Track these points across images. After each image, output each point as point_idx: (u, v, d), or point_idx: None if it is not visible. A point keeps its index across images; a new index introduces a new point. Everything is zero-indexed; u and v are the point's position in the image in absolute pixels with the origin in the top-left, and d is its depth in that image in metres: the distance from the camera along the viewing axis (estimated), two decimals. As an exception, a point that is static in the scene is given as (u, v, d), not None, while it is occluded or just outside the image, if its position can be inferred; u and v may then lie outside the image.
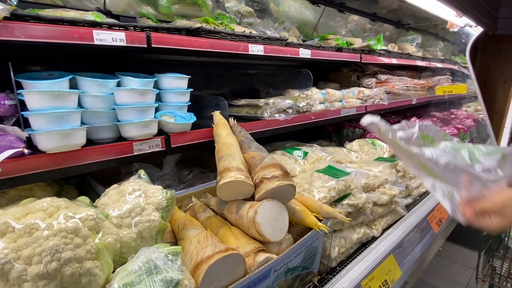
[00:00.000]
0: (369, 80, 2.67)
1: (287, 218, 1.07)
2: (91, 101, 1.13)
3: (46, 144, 0.93)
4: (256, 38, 1.58)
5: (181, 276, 0.70)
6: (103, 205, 0.91)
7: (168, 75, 1.34)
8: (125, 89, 1.12)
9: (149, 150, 1.19)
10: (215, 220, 1.14)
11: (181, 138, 1.28)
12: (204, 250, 0.87)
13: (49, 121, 0.93)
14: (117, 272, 0.72)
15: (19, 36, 0.90)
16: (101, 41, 1.06)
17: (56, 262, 0.62)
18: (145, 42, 1.17)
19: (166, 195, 0.96)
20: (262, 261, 0.94)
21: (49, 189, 1.19)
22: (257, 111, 1.66)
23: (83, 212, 0.72)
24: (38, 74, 1.10)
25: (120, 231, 0.85)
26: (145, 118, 1.14)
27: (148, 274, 0.69)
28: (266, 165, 1.14)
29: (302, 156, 1.77)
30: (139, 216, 0.88)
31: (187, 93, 1.42)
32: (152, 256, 0.73)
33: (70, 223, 0.68)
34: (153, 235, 0.90)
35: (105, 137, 1.18)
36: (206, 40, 1.35)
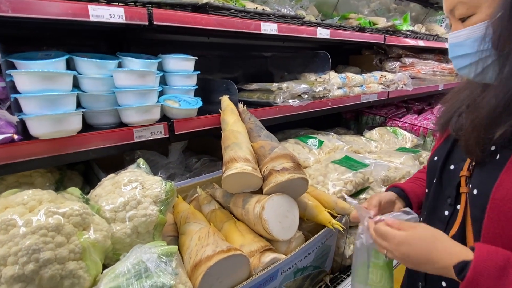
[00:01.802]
0: (392, 64, 2.47)
1: (298, 215, 0.98)
2: (89, 83, 1.06)
3: (38, 130, 0.87)
4: (269, 16, 1.45)
5: (173, 281, 0.63)
6: (97, 196, 0.84)
7: (173, 56, 1.24)
8: (123, 70, 1.03)
9: (151, 137, 1.11)
10: (220, 213, 1.06)
11: (186, 125, 1.19)
12: (204, 249, 0.79)
13: (40, 104, 0.86)
14: (105, 273, 0.65)
15: (6, 11, 0.82)
16: (98, 18, 0.97)
17: (34, 263, 0.56)
18: (146, 19, 1.07)
19: (165, 187, 0.88)
20: (268, 262, 0.86)
21: (49, 176, 1.14)
22: (269, 96, 1.55)
23: (68, 206, 0.65)
24: (34, 54, 1.03)
25: (113, 226, 0.78)
26: (146, 103, 1.06)
27: (137, 278, 0.62)
28: (276, 156, 1.03)
29: (317, 145, 1.66)
30: (134, 209, 0.81)
31: (194, 76, 1.33)
32: (143, 257, 0.65)
33: (52, 219, 0.61)
34: (150, 230, 0.83)
35: (105, 122, 1.11)
36: (214, 17, 1.23)
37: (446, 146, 0.81)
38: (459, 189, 0.73)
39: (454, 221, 0.73)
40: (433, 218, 0.80)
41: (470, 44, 0.67)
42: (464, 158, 0.74)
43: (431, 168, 0.85)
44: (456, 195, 0.74)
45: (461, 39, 0.68)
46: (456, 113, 0.78)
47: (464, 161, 0.74)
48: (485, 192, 0.64)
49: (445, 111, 0.84)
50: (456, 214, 0.73)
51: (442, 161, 0.79)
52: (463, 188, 0.72)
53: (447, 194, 0.77)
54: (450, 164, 0.78)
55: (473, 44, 0.66)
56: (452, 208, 0.75)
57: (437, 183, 0.80)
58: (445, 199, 0.77)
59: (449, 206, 0.76)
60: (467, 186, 0.72)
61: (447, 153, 0.80)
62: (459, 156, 0.77)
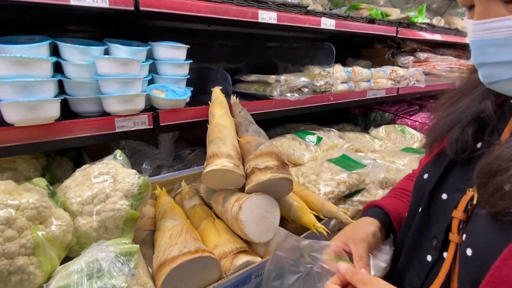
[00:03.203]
0: (405, 59, 2.34)
1: (278, 217, 0.93)
2: (73, 70, 1.03)
3: (12, 116, 0.85)
4: (268, 4, 1.37)
5: (125, 283, 0.60)
6: (66, 187, 0.82)
7: (162, 43, 1.20)
8: (105, 57, 1.00)
9: (134, 127, 1.08)
10: (200, 210, 1.02)
11: (172, 116, 1.15)
12: (171, 249, 0.76)
13: (14, 90, 0.83)
14: (59, 269, 0.63)
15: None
16: (79, 2, 0.93)
17: (-22, 257, 0.54)
18: (132, 4, 1.02)
19: (138, 181, 0.85)
20: (240, 265, 0.82)
21: (34, 162, 1.14)
22: (266, 88, 1.48)
23: (24, 199, 0.63)
24: (17, 38, 1.00)
25: (80, 219, 0.76)
26: (129, 92, 1.02)
27: (89, 277, 0.59)
28: (261, 153, 0.98)
29: (315, 141, 1.59)
30: (102, 203, 0.78)
31: (186, 65, 1.28)
32: (98, 256, 0.62)
33: (3, 212, 0.58)
34: (120, 225, 0.80)
35: (89, 111, 1.08)
36: (206, 3, 1.17)
37: (439, 166, 0.63)
38: (449, 232, 0.56)
39: (438, 272, 0.55)
40: (413, 258, 0.64)
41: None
42: (461, 189, 0.56)
43: (418, 188, 0.67)
44: (445, 238, 0.57)
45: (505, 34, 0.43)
46: (457, 126, 0.60)
47: (462, 192, 0.55)
48: (483, 259, 0.46)
49: (440, 122, 0.66)
50: (441, 265, 0.56)
51: (432, 186, 0.62)
52: (454, 236, 0.54)
53: (434, 232, 0.60)
54: (443, 191, 0.60)
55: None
56: (437, 254, 0.58)
57: (423, 212, 0.63)
58: (430, 239, 0.60)
59: (433, 249, 0.59)
60: (459, 234, 0.54)
61: (439, 177, 0.62)
62: (455, 183, 0.58)
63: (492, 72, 0.48)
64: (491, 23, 0.44)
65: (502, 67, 0.46)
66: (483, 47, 0.47)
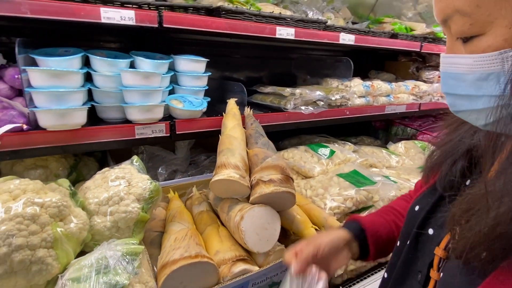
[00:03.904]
0: (430, 73, 2.28)
1: (278, 229, 0.96)
2: (101, 80, 1.13)
3: (45, 122, 0.96)
4: (287, 20, 1.42)
5: (127, 281, 0.66)
6: (87, 188, 0.91)
7: (183, 57, 1.28)
8: (129, 70, 1.09)
9: (152, 135, 1.16)
10: (206, 216, 1.08)
11: (187, 125, 1.23)
12: (173, 252, 0.82)
13: (48, 99, 0.94)
14: (73, 263, 0.71)
15: (25, 12, 0.91)
16: (109, 19, 1.03)
17: (7, 247, 0.63)
18: (156, 21, 1.11)
19: (150, 187, 0.92)
20: (238, 272, 0.86)
21: (63, 161, 1.26)
22: (281, 101, 1.53)
23: (48, 198, 0.72)
24: (55, 50, 1.12)
25: (96, 218, 0.84)
26: (148, 102, 1.11)
27: (97, 272, 0.67)
28: (267, 166, 1.03)
29: (327, 155, 1.60)
30: (116, 205, 0.86)
31: (204, 77, 1.35)
32: (107, 254, 0.70)
33: (30, 209, 0.67)
34: (130, 226, 0.88)
35: (113, 117, 1.18)
36: (225, 21, 1.24)
37: (430, 199, 0.62)
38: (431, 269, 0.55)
39: None
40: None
41: (475, 82, 0.43)
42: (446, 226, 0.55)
43: (409, 220, 0.65)
44: (427, 274, 0.56)
45: (461, 70, 0.45)
46: (450, 159, 0.58)
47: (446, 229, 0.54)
48: None
49: (437, 151, 0.64)
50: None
51: (421, 220, 0.60)
52: (434, 273, 0.54)
53: (419, 266, 0.59)
54: (430, 226, 0.59)
55: (480, 84, 0.42)
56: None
57: (411, 245, 0.62)
58: (416, 273, 0.59)
59: (418, 284, 0.58)
60: (439, 272, 0.53)
61: (428, 210, 0.60)
62: (441, 219, 0.57)
63: (453, 102, 0.49)
64: (452, 58, 0.46)
65: (460, 99, 0.47)
66: (447, 79, 0.49)
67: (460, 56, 0.45)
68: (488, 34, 0.41)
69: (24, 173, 1.15)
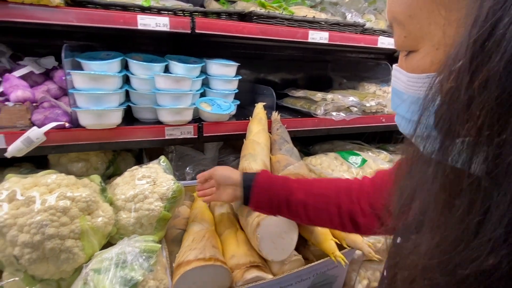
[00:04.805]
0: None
1: (295, 239, 0.95)
2: (137, 82, 1.20)
3: (84, 121, 1.04)
4: (321, 24, 1.38)
5: (142, 277, 0.70)
6: (116, 184, 0.97)
7: (214, 61, 1.31)
8: (162, 74, 1.14)
9: (181, 136, 1.21)
10: (226, 219, 1.10)
11: (215, 128, 1.26)
12: (189, 253, 0.85)
13: (87, 100, 1.03)
14: (96, 254, 0.77)
15: (72, 21, 1.00)
16: (145, 26, 1.09)
17: (40, 235, 0.70)
18: (189, 27, 1.15)
19: (173, 187, 0.97)
20: (250, 278, 0.87)
21: (102, 156, 1.36)
22: (311, 106, 1.50)
23: (79, 193, 0.78)
24: (98, 53, 1.22)
25: (121, 213, 0.90)
26: (178, 105, 1.15)
27: (116, 266, 0.71)
28: (288, 173, 1.02)
29: (358, 163, 1.54)
30: (140, 202, 0.91)
31: (235, 81, 1.37)
32: (126, 249, 0.75)
33: (62, 202, 0.74)
34: (153, 223, 0.93)
35: (147, 118, 1.25)
36: (257, 25, 1.25)
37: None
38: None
39: None
40: None
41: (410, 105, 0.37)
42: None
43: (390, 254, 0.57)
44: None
45: (400, 87, 0.39)
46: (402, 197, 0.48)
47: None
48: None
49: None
50: None
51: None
52: None
53: None
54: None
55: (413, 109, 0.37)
56: None
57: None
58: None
59: None
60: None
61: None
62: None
63: (399, 122, 0.42)
64: (395, 71, 0.41)
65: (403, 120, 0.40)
66: (392, 94, 0.43)
67: (400, 71, 0.39)
68: (420, 51, 0.35)
69: (68, 165, 1.27)
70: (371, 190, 0.77)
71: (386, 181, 0.69)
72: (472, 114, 0.26)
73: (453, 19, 0.31)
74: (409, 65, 0.37)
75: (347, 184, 0.82)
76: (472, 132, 0.26)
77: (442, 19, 0.32)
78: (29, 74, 1.16)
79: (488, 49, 0.25)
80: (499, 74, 0.24)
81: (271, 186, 0.83)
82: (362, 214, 0.76)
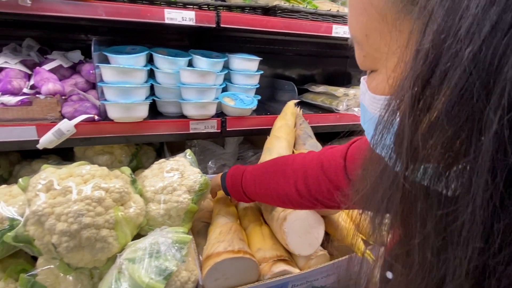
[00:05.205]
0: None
1: (322, 234, 0.95)
2: (162, 76, 1.21)
3: (112, 114, 1.06)
4: (344, 18, 1.37)
5: (176, 267, 0.71)
6: (145, 177, 0.99)
7: (237, 56, 1.31)
8: (187, 69, 1.15)
9: (204, 130, 1.22)
10: (250, 213, 1.11)
11: (238, 122, 1.26)
12: (218, 244, 0.86)
13: (116, 93, 1.04)
14: (130, 244, 0.78)
15: (101, 14, 1.01)
16: (172, 20, 1.09)
17: (77, 224, 0.71)
18: (214, 21, 1.15)
19: (200, 180, 0.98)
20: (278, 272, 0.87)
21: (126, 149, 1.38)
22: (332, 101, 1.48)
23: (112, 184, 0.80)
24: (124, 47, 1.23)
25: (151, 205, 0.92)
26: (203, 99, 1.16)
27: (150, 256, 0.73)
28: (314, 168, 1.01)
29: (379, 160, 1.52)
30: (169, 195, 0.92)
31: (256, 76, 1.37)
32: (159, 240, 0.76)
33: (97, 192, 0.76)
34: (181, 215, 0.94)
35: (171, 112, 1.26)
36: (280, 20, 1.24)
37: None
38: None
39: None
40: None
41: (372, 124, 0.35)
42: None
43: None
44: None
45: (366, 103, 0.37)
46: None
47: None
48: None
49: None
50: None
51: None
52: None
53: None
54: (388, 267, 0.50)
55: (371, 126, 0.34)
56: None
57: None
58: None
59: None
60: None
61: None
62: None
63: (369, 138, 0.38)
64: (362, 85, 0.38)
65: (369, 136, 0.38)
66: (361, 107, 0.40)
67: (365, 87, 0.37)
68: (380, 72, 0.33)
69: (93, 157, 1.29)
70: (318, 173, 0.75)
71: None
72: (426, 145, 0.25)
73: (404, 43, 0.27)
74: (371, 85, 0.35)
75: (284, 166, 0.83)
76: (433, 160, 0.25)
77: (394, 42, 0.29)
78: (57, 68, 1.18)
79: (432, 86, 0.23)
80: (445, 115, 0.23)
81: (234, 183, 0.95)
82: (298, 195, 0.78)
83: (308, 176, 0.76)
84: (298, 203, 0.80)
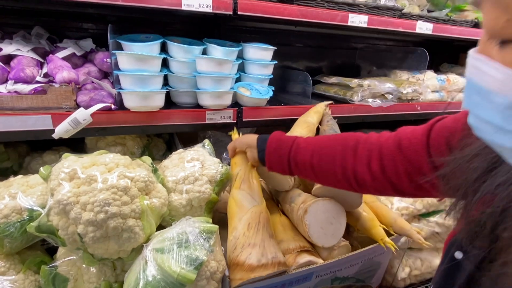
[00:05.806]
0: (517, 68, 2.02)
1: (344, 224, 0.94)
2: (177, 65, 1.18)
3: (129, 103, 1.03)
4: (360, 7, 1.35)
5: (206, 257, 0.70)
6: (165, 167, 0.96)
7: (252, 45, 1.29)
8: (204, 57, 1.12)
9: (220, 120, 1.20)
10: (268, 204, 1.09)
11: (253, 113, 1.24)
12: (249, 251, 0.78)
13: (133, 81, 1.01)
14: (156, 235, 0.76)
15: (118, 0, 0.98)
16: (189, 7, 1.06)
17: (104, 213, 0.69)
18: (231, 9, 1.12)
19: (221, 170, 0.96)
20: (303, 263, 0.86)
21: (138, 140, 1.35)
22: (346, 92, 1.47)
23: (137, 173, 0.78)
24: (137, 36, 1.20)
25: (173, 195, 0.90)
26: (219, 89, 1.14)
27: (178, 245, 0.71)
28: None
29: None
30: (191, 184, 0.90)
31: (271, 65, 1.35)
32: (186, 229, 0.74)
33: (123, 181, 0.73)
34: (202, 206, 0.92)
35: (186, 102, 1.24)
36: (297, 7, 1.21)
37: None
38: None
39: None
40: None
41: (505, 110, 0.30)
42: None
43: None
44: None
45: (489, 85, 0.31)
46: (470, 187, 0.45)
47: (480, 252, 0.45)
48: None
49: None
50: None
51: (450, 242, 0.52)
52: None
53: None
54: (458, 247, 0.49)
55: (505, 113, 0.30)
56: None
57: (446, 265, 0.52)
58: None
59: None
60: None
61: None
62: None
63: (477, 125, 0.35)
64: (480, 62, 0.32)
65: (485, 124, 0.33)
66: (470, 90, 0.35)
67: (490, 64, 0.31)
68: None
69: (105, 149, 1.25)
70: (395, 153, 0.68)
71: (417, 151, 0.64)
72: None
73: None
74: (508, 58, 0.29)
75: (355, 143, 0.74)
76: None
77: None
78: (69, 56, 1.15)
79: None
80: None
81: (280, 147, 0.84)
82: (371, 176, 0.70)
83: (383, 155, 0.68)
84: (366, 186, 0.72)
